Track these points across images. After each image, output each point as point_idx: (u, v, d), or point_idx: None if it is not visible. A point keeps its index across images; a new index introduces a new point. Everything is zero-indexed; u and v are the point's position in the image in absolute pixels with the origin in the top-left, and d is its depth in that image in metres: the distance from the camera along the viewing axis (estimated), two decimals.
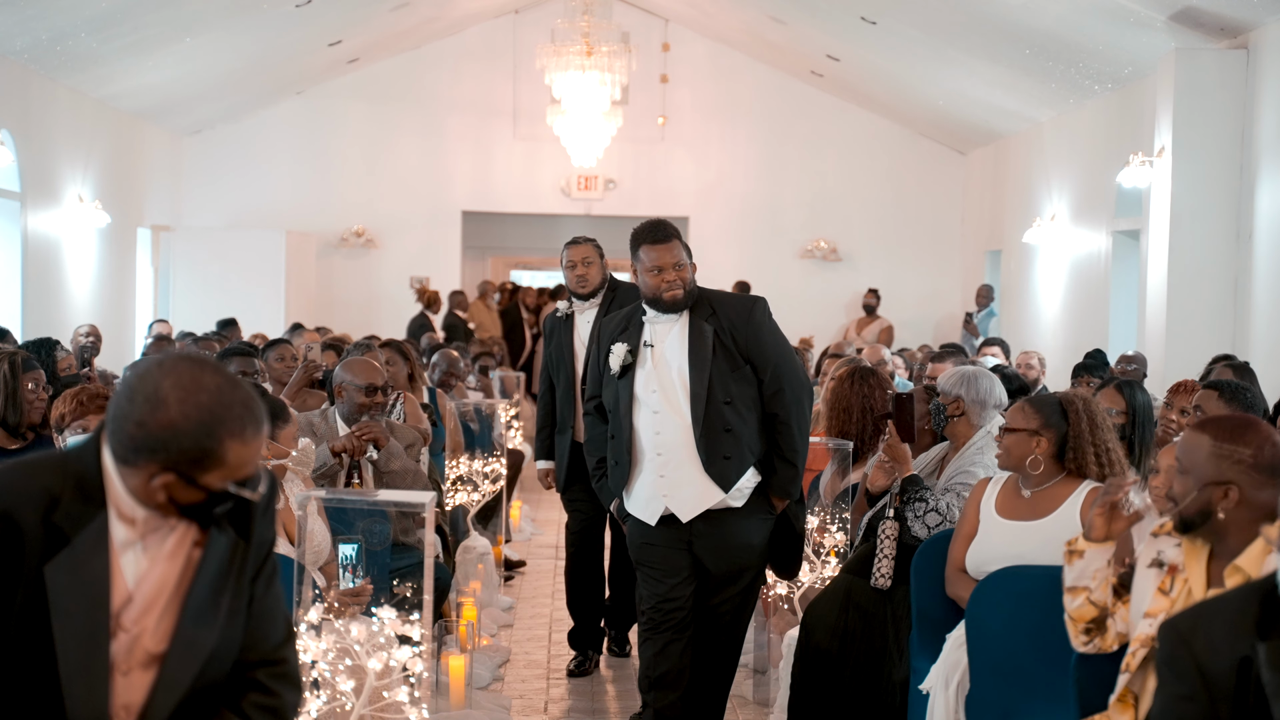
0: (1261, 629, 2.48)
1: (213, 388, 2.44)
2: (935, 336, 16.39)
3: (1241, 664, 2.48)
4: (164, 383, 2.43)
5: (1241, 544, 3.21)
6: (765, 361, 5.17)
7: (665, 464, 5.18)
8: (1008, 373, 8.36)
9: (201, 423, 2.42)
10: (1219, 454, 3.19)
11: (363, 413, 5.99)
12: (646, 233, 5.18)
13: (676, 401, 5.15)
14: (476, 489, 8.40)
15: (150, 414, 2.42)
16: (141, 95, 14.28)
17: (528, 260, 22.39)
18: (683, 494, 5.19)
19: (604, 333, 5.40)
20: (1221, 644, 2.51)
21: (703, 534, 5.22)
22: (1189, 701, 2.54)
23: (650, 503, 5.24)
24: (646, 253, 5.14)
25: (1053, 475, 4.58)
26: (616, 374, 5.22)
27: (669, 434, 5.16)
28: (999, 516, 4.62)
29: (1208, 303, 9.97)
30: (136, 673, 2.53)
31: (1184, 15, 9.66)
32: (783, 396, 5.18)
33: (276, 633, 2.70)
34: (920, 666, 4.71)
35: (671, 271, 5.12)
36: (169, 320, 13.37)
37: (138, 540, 2.54)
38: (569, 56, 14.64)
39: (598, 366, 5.39)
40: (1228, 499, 3.20)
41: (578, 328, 6.74)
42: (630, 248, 5.23)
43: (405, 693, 3.91)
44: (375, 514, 4.50)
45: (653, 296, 5.17)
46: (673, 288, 5.13)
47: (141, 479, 2.46)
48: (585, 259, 6.69)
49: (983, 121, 15.60)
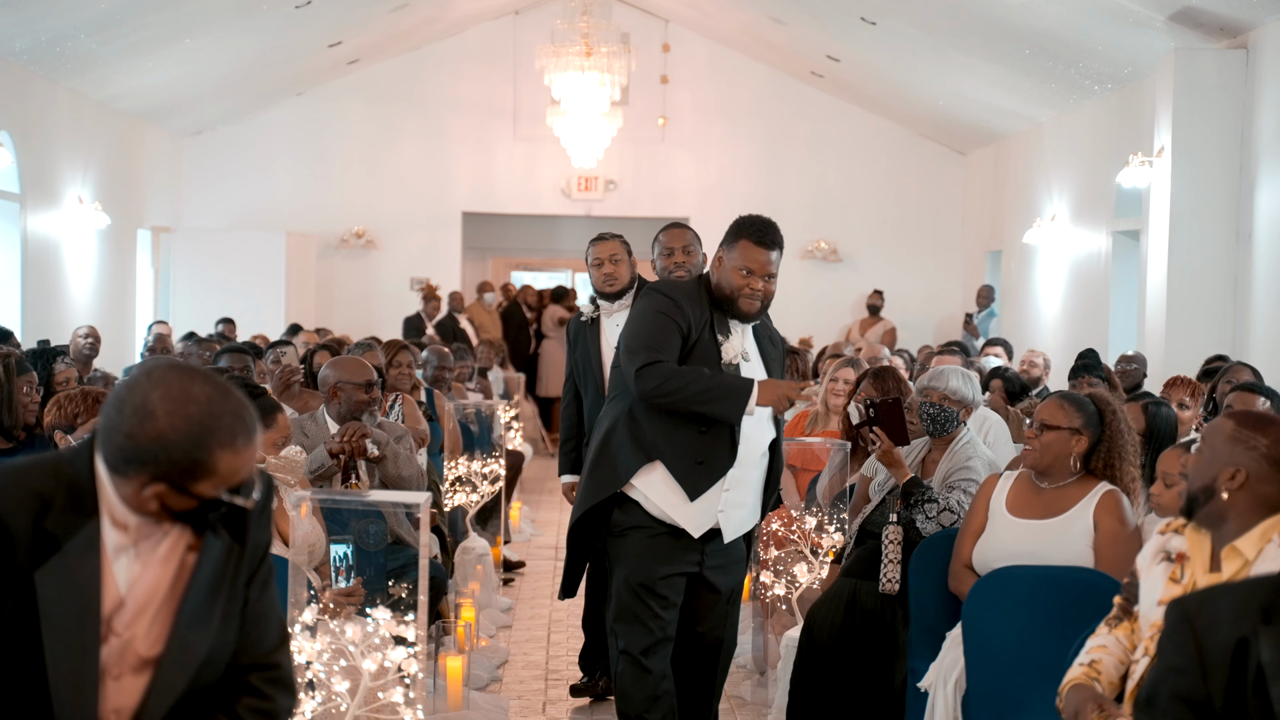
0: (1267, 613, 2.51)
1: (202, 398, 2.43)
2: (936, 337, 16.38)
3: (1238, 645, 2.52)
4: (152, 394, 2.42)
5: (1239, 530, 3.26)
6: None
7: (734, 479, 4.77)
8: (1009, 374, 8.37)
9: (190, 434, 2.41)
10: (1237, 438, 3.26)
11: (363, 409, 5.88)
12: (753, 229, 4.69)
13: (760, 417, 4.76)
14: (475, 490, 8.40)
15: (139, 426, 2.41)
16: (141, 96, 14.29)
17: (528, 261, 22.38)
18: (739, 513, 4.84)
19: (681, 297, 4.71)
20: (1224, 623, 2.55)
21: (713, 553, 4.84)
22: (1181, 675, 2.59)
23: (704, 515, 4.76)
24: (745, 249, 4.68)
25: (1073, 473, 4.56)
26: (730, 365, 4.73)
27: (747, 449, 4.75)
28: (1009, 514, 4.58)
29: (1207, 302, 9.97)
30: (128, 677, 2.53)
31: (1183, 15, 9.65)
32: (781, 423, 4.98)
33: (271, 636, 2.69)
34: (917, 666, 4.71)
35: (760, 280, 4.69)
36: (169, 322, 13.37)
37: (130, 545, 2.53)
38: (568, 57, 14.65)
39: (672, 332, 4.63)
40: (1233, 481, 3.25)
41: (604, 331, 6.19)
42: (728, 233, 4.75)
43: (400, 693, 3.91)
44: (370, 514, 4.49)
45: (729, 296, 4.70)
46: (754, 298, 4.70)
47: (133, 488, 2.45)
48: (613, 256, 6.15)
49: (983, 122, 15.60)
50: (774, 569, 5.97)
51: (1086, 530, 4.45)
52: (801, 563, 5.87)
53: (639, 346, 4.64)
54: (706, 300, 4.74)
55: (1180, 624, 2.61)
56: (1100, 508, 4.47)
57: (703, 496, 4.69)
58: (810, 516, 5.84)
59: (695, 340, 4.66)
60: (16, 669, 2.44)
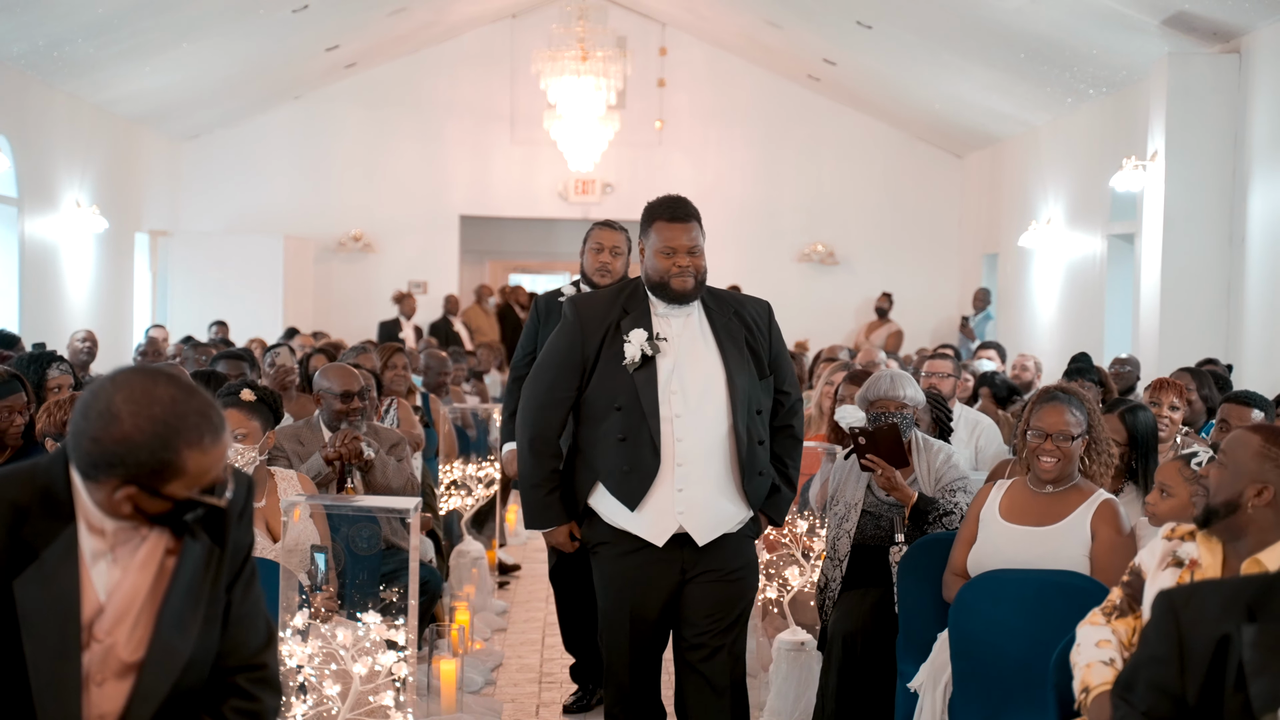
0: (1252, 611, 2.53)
1: (165, 399, 2.44)
2: (933, 340, 16.41)
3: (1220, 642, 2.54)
4: (116, 397, 2.43)
5: (1258, 544, 3.31)
6: (784, 372, 4.65)
7: (686, 476, 4.45)
8: (996, 380, 8.41)
9: (156, 434, 2.42)
10: (1266, 455, 3.29)
11: (341, 419, 5.89)
12: (663, 208, 4.53)
13: (705, 406, 4.46)
14: (470, 493, 8.42)
15: (104, 429, 2.42)
16: (139, 100, 14.32)
17: (526, 264, 22.40)
18: (703, 513, 4.47)
19: (585, 313, 4.56)
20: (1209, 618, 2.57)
21: (699, 559, 4.51)
22: (1161, 664, 2.61)
23: (660, 521, 4.47)
24: (660, 230, 4.50)
25: (1073, 477, 4.59)
26: (635, 364, 4.45)
27: (691, 442, 4.44)
28: (1004, 520, 4.59)
29: (1201, 305, 10.01)
30: (111, 683, 2.54)
31: (1177, 20, 9.68)
32: (799, 410, 4.67)
33: (257, 637, 2.70)
34: (905, 670, 4.73)
35: (685, 256, 4.46)
36: (166, 326, 13.40)
37: (108, 551, 2.54)
38: (564, 61, 14.68)
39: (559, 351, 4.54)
40: (1260, 497, 3.30)
41: None
42: (641, 223, 4.60)
43: (391, 697, 3.93)
44: (362, 519, 4.51)
45: (659, 281, 4.50)
46: (684, 275, 4.47)
47: (105, 493, 2.46)
48: (615, 247, 5.96)
49: (979, 125, 15.63)
50: (766, 572, 5.99)
51: (1084, 539, 4.46)
52: (793, 566, 5.89)
53: (532, 403, 4.60)
54: (630, 298, 4.57)
55: (1166, 615, 2.63)
56: (1098, 517, 4.47)
57: (646, 503, 4.45)
58: (802, 520, 5.86)
59: (601, 347, 4.51)
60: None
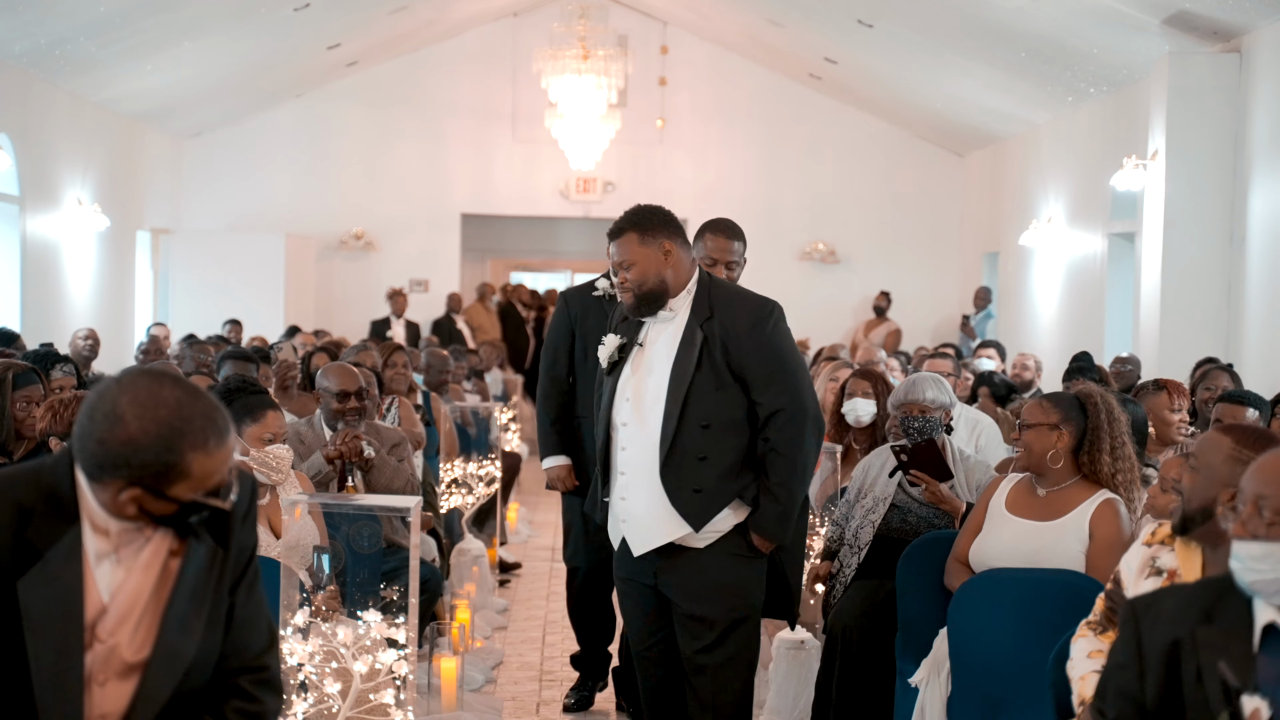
0: (1209, 614, 2.55)
1: (171, 401, 2.45)
2: (934, 339, 16.41)
3: (1171, 646, 2.56)
4: (121, 399, 2.45)
5: None
6: (759, 379, 4.41)
7: (626, 485, 4.51)
8: (994, 379, 8.42)
9: (161, 437, 2.43)
10: (1237, 458, 3.12)
11: (339, 418, 5.90)
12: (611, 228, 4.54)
13: (646, 416, 4.43)
14: (471, 492, 8.43)
15: (109, 431, 2.43)
16: (141, 99, 14.33)
17: (527, 263, 22.42)
18: (639, 524, 4.49)
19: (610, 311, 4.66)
20: (1165, 624, 2.59)
21: (667, 569, 4.52)
22: (1123, 670, 2.65)
23: (615, 527, 4.62)
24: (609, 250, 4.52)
25: (1069, 475, 4.55)
26: (606, 370, 4.55)
27: (633, 452, 4.46)
28: (1009, 513, 4.60)
29: (1201, 304, 10.02)
30: (114, 683, 2.55)
31: (1177, 19, 9.69)
32: (779, 421, 4.41)
33: (259, 639, 2.72)
34: (905, 667, 4.74)
35: (622, 272, 4.45)
36: (168, 324, 13.41)
37: (112, 552, 2.55)
38: (565, 60, 14.68)
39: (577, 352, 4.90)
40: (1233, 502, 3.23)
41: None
42: None
43: (391, 695, 3.95)
44: (363, 518, 4.52)
45: None
46: (623, 290, 4.47)
47: (110, 494, 2.48)
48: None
49: (980, 124, 15.64)
50: None
51: (1081, 537, 4.46)
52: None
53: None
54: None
55: (1128, 622, 2.66)
56: (1097, 516, 4.46)
57: (609, 508, 4.60)
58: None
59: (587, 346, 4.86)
60: (2, 677, 2.47)
